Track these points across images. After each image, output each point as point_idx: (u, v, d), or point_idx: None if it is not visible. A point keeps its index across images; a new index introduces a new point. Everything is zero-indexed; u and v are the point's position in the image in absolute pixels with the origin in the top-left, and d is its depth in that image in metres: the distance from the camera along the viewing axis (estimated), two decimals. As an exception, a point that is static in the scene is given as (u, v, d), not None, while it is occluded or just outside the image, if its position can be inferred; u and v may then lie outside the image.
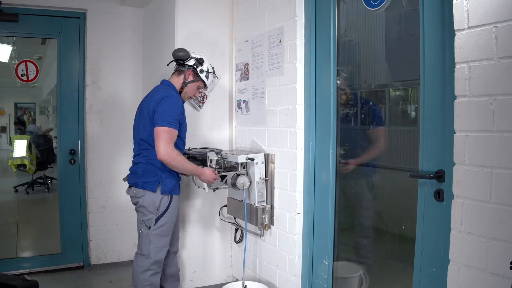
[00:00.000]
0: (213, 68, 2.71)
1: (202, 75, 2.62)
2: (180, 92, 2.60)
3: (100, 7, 3.59)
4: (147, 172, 2.45)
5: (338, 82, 2.39)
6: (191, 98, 2.74)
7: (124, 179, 2.62)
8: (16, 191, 4.32)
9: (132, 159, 2.59)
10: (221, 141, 3.24)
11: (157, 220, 2.44)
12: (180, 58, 2.58)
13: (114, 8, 3.64)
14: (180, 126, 2.45)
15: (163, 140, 2.31)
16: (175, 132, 2.38)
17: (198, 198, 3.18)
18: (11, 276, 2.76)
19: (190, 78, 2.60)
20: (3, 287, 2.41)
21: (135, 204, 2.53)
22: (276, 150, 2.73)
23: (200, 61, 2.60)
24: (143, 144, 2.47)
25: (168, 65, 2.71)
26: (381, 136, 2.27)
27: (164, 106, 2.38)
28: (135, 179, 2.49)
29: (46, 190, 4.44)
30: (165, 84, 2.59)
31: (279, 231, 2.71)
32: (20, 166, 4.24)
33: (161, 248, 2.47)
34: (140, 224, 2.50)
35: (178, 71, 2.62)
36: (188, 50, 2.61)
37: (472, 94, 1.48)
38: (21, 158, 4.19)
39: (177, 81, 2.60)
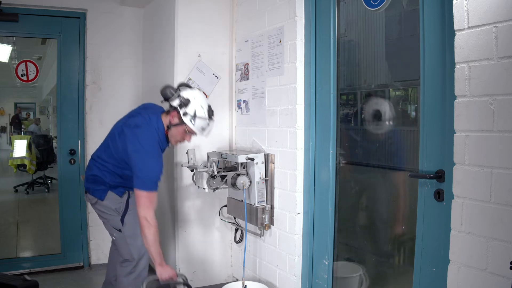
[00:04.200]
0: (208, 110, 2.27)
1: (186, 119, 2.20)
2: (167, 135, 2.29)
3: (100, 7, 3.59)
4: (96, 181, 2.34)
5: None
6: (180, 142, 2.36)
7: (83, 178, 2.51)
8: (16, 191, 4.32)
9: (92, 156, 2.46)
10: (221, 141, 3.24)
11: (122, 219, 2.36)
12: (164, 97, 2.20)
13: (114, 8, 3.64)
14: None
15: (143, 206, 2.14)
16: (154, 194, 2.18)
17: (198, 198, 3.18)
18: (11, 276, 2.76)
19: (175, 120, 2.23)
20: (3, 287, 2.41)
21: (95, 210, 2.43)
22: (276, 150, 2.73)
23: (185, 102, 2.18)
24: (103, 158, 2.35)
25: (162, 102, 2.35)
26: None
27: (140, 155, 2.15)
28: (87, 183, 2.38)
29: (46, 190, 4.45)
30: (149, 112, 2.30)
31: (279, 231, 2.71)
32: (20, 166, 4.25)
33: (140, 247, 2.34)
34: (110, 230, 2.41)
35: (168, 110, 2.28)
36: (185, 83, 2.38)
37: (472, 94, 1.48)
38: (21, 158, 4.19)
39: (165, 121, 2.28)
